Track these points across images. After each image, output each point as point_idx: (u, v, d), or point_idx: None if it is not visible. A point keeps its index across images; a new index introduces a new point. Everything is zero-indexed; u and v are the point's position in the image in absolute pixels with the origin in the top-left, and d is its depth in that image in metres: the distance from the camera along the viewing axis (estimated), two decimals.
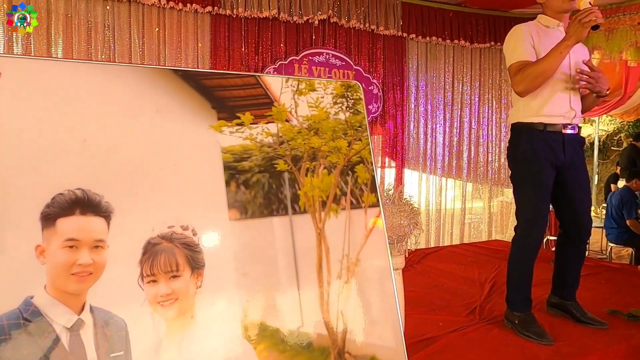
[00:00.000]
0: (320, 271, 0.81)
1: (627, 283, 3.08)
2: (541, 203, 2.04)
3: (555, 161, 2.01)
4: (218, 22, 3.38)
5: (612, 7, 4.12)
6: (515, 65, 1.93)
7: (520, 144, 2.04)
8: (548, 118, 1.97)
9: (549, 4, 1.99)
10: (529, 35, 1.94)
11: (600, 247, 5.91)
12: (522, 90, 1.91)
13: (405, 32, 4.00)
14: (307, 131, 0.86)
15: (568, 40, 1.76)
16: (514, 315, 2.16)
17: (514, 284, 2.19)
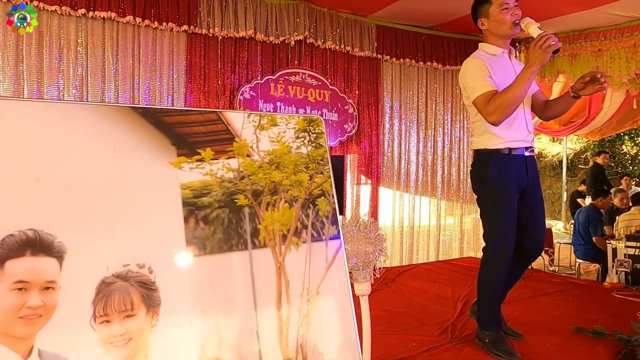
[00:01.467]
0: (279, 305, 0.81)
1: (593, 299, 3.18)
2: (510, 225, 2.09)
3: (520, 183, 2.10)
4: (194, 41, 3.39)
5: (574, 34, 4.34)
6: (482, 97, 1.96)
7: (489, 168, 2.09)
8: (512, 143, 2.04)
9: (494, 30, 2.05)
10: (484, 67, 1.99)
11: (569, 263, 6.07)
12: (497, 120, 1.93)
13: (380, 54, 4.10)
14: (269, 165, 0.87)
15: (533, 66, 1.81)
16: (484, 335, 2.20)
17: (484, 304, 2.23)
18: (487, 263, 2.20)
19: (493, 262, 2.16)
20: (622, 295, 3.23)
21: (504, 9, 1.98)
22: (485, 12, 2.05)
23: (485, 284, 2.22)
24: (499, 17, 2.00)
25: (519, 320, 2.68)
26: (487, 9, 2.04)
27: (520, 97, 1.87)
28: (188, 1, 3.28)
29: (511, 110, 1.90)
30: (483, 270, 2.22)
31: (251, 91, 3.51)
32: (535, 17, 4.46)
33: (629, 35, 3.91)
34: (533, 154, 2.13)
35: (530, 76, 1.82)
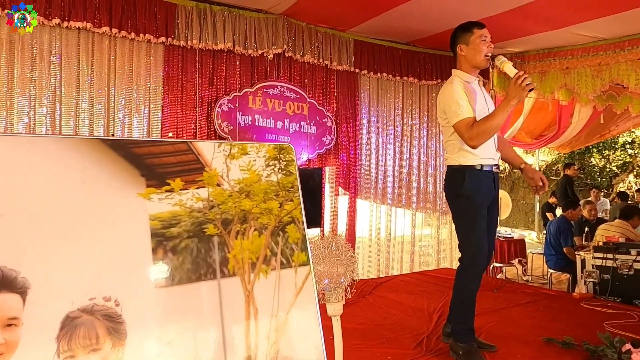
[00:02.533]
0: (247, 333, 0.82)
1: (563, 310, 3.27)
2: (483, 235, 2.27)
3: (488, 197, 2.29)
4: (172, 53, 3.37)
5: (544, 52, 4.51)
6: (464, 122, 2.15)
7: (463, 182, 2.26)
8: (483, 160, 2.24)
9: (469, 59, 2.25)
10: (464, 93, 2.18)
11: (542, 273, 6.23)
12: (477, 144, 2.15)
13: (358, 68, 4.17)
14: (239, 194, 0.88)
15: (512, 100, 2.04)
16: (458, 347, 2.26)
17: (458, 315, 2.31)
18: (463, 272, 2.31)
19: (469, 271, 2.29)
20: (590, 306, 3.34)
21: (483, 40, 2.20)
22: (466, 40, 2.24)
23: (460, 294, 2.32)
24: (477, 47, 2.21)
25: (492, 332, 2.74)
26: (468, 37, 2.24)
27: (499, 125, 2.13)
28: (166, 13, 3.27)
29: (490, 136, 2.15)
30: (459, 280, 2.33)
31: (229, 103, 3.51)
32: (508, 36, 4.63)
33: (594, 54, 4.09)
34: (499, 171, 2.35)
35: (509, 109, 2.08)
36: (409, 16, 3.65)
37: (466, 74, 2.27)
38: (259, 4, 3.53)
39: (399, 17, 3.67)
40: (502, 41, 4.34)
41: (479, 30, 2.21)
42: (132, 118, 3.25)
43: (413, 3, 3.32)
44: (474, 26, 2.23)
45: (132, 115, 3.26)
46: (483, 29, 2.22)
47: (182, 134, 3.40)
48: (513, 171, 12.16)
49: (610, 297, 3.62)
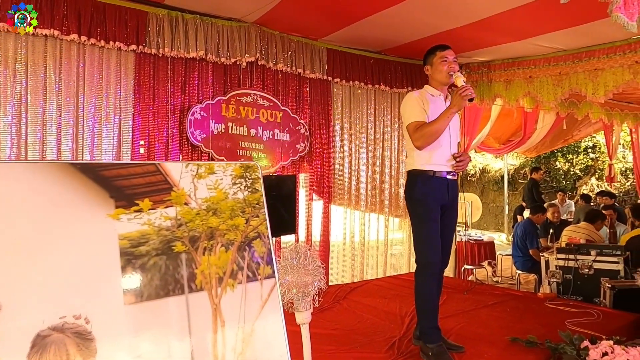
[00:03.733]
0: (215, 345, 0.85)
1: (528, 310, 3.40)
2: (435, 236, 2.41)
3: (442, 202, 2.44)
4: (143, 61, 3.35)
5: (509, 61, 4.69)
6: (413, 124, 2.39)
7: (417, 187, 2.44)
8: (436, 166, 2.42)
9: (435, 77, 2.51)
10: (420, 101, 2.42)
11: (511, 274, 6.44)
12: (421, 145, 2.37)
13: (330, 76, 4.23)
14: (206, 212, 0.91)
15: (453, 108, 2.31)
16: (427, 348, 2.35)
17: (422, 314, 2.44)
18: (419, 274, 2.44)
19: (424, 272, 2.42)
20: (553, 305, 3.49)
21: (443, 61, 2.46)
22: (431, 61, 2.52)
23: (421, 294, 2.44)
24: (438, 67, 2.47)
25: (461, 333, 2.83)
26: (432, 59, 2.51)
27: (440, 130, 2.33)
28: (137, 21, 3.25)
29: (433, 139, 2.34)
30: (417, 280, 2.46)
31: (202, 111, 3.51)
32: (475, 46, 4.79)
33: (555, 64, 4.29)
34: (455, 177, 2.50)
35: (450, 115, 2.33)
36: (379, 26, 3.74)
37: (433, 89, 2.53)
38: (232, 12, 3.55)
39: (369, 27, 3.76)
40: (469, 51, 4.50)
41: (441, 52, 2.47)
42: (101, 126, 3.21)
43: (382, 14, 3.41)
44: (437, 49, 2.51)
45: (102, 123, 3.22)
46: (445, 51, 2.47)
47: (154, 143, 3.38)
48: (483, 175, 12.51)
49: (573, 296, 3.80)
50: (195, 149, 3.52)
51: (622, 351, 2.16)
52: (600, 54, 3.93)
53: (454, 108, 2.30)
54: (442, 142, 2.42)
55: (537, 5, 3.05)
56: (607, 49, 3.88)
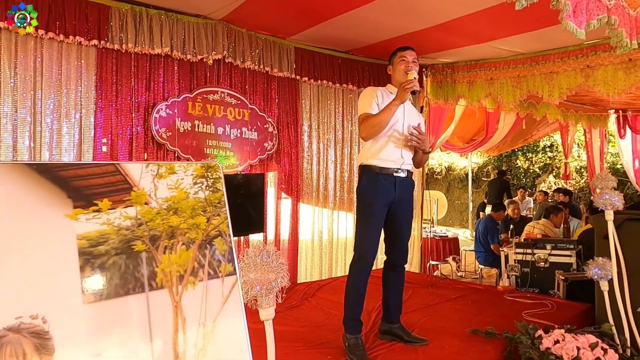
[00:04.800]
0: (176, 342, 0.86)
1: (488, 302, 3.55)
2: (372, 231, 2.43)
3: (387, 198, 2.44)
4: (105, 56, 3.26)
5: (471, 63, 4.85)
6: (362, 116, 2.43)
7: (362, 182, 2.47)
8: (383, 162, 2.42)
9: (394, 76, 2.57)
10: (375, 96, 2.46)
11: (474, 269, 6.68)
12: (365, 136, 2.40)
13: (298, 75, 4.25)
14: (167, 211, 0.92)
15: (395, 100, 2.34)
16: (347, 338, 2.44)
17: (348, 306, 2.47)
18: (353, 265, 2.49)
19: (357, 265, 2.46)
20: (512, 297, 3.66)
21: (402, 60, 2.52)
22: (392, 61, 2.60)
23: (350, 286, 2.49)
24: (397, 66, 2.53)
25: (425, 326, 2.92)
26: (393, 59, 2.59)
27: (383, 121, 2.34)
28: (98, 15, 3.16)
29: (375, 130, 2.36)
30: (350, 271, 2.51)
31: (168, 109, 3.45)
32: (439, 48, 4.92)
33: (514, 67, 4.47)
34: (405, 176, 2.49)
35: (392, 107, 2.34)
36: (347, 27, 3.79)
37: (393, 87, 2.57)
38: (198, 9, 3.51)
39: (337, 27, 3.80)
40: (434, 52, 4.63)
41: (401, 52, 2.54)
42: (61, 124, 3.11)
43: (349, 15, 3.46)
44: (399, 50, 2.57)
45: (62, 121, 3.11)
46: (404, 51, 2.54)
47: (117, 140, 3.30)
48: (449, 173, 12.87)
49: (530, 289, 3.99)
50: (160, 148, 3.46)
51: (572, 339, 2.30)
52: (555, 58, 4.13)
53: (397, 100, 2.33)
54: (393, 139, 2.42)
55: (495, 10, 3.17)
56: (561, 53, 4.09)
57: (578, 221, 5.87)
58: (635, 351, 2.42)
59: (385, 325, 2.65)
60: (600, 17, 2.34)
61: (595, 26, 2.32)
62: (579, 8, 2.25)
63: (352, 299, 2.45)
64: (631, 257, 2.54)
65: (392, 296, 2.64)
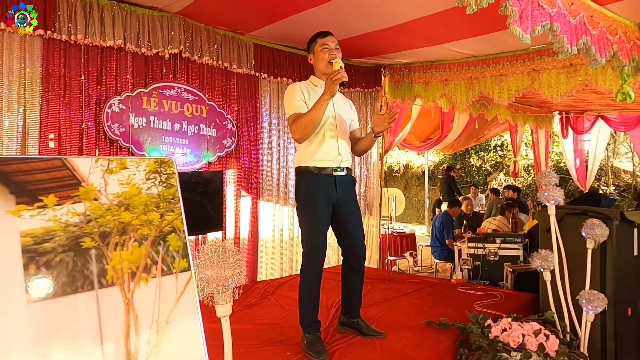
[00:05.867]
0: (127, 339, 0.85)
1: (442, 295, 3.69)
2: (319, 236, 2.34)
3: (330, 199, 2.35)
4: (51, 47, 3.09)
5: (427, 64, 5.00)
6: (291, 117, 2.27)
7: (301, 186, 2.36)
8: (320, 162, 2.31)
9: (317, 65, 2.41)
10: (300, 93, 2.30)
11: (430, 263, 6.90)
12: (298, 138, 2.25)
13: (258, 72, 4.22)
14: (118, 207, 0.90)
15: (325, 94, 2.14)
16: (305, 337, 2.41)
17: (303, 308, 2.43)
18: (302, 270, 2.43)
19: (306, 269, 2.40)
20: (464, 289, 3.82)
21: (324, 48, 2.34)
22: (312, 49, 2.42)
23: (302, 290, 2.43)
24: (320, 55, 2.36)
25: (382, 320, 3.00)
26: (314, 47, 2.40)
27: (315, 119, 2.18)
28: (44, 4, 2.99)
29: (309, 130, 2.20)
30: (300, 278, 2.45)
31: (121, 104, 3.33)
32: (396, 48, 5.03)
33: (467, 69, 4.66)
34: (345, 174, 2.40)
35: (323, 103, 2.15)
36: (306, 25, 3.80)
37: (317, 79, 2.43)
38: (152, 1, 3.41)
39: (296, 25, 3.80)
40: (392, 53, 4.74)
41: (322, 39, 2.36)
42: (2, 117, 2.92)
43: (308, 13, 3.48)
44: (318, 36, 2.39)
45: (3, 114, 2.93)
46: (325, 38, 2.35)
47: (65, 136, 3.14)
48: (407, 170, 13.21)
49: (481, 281, 4.18)
50: (113, 144, 3.33)
51: (518, 327, 2.44)
52: (504, 61, 4.34)
53: (326, 95, 2.13)
54: (327, 136, 2.30)
55: (448, 13, 3.29)
56: (510, 57, 4.30)
57: (525, 216, 6.20)
58: (574, 336, 2.60)
59: (344, 318, 2.69)
60: (544, 23, 2.49)
61: (540, 32, 2.46)
62: (525, 14, 2.38)
63: (306, 303, 2.41)
64: (571, 248, 2.72)
65: (351, 293, 2.63)
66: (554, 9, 2.54)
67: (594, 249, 2.61)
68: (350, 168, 2.47)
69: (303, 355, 2.40)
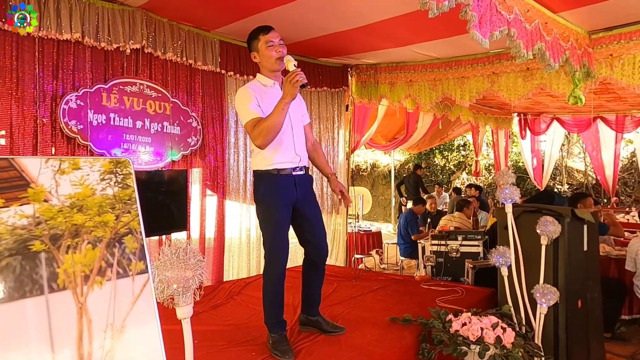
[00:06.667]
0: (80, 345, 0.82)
1: (407, 292, 3.76)
2: (280, 237, 2.34)
3: (290, 199, 2.34)
4: (3, 39, 2.93)
5: (393, 65, 5.09)
6: (250, 122, 2.19)
7: (261, 188, 2.33)
8: (279, 164, 2.29)
9: (264, 64, 2.34)
10: (253, 96, 2.23)
11: (395, 261, 7.04)
12: (261, 144, 2.17)
13: (224, 69, 4.16)
14: (70, 209, 0.86)
15: (285, 98, 2.08)
16: (270, 337, 2.40)
17: (267, 309, 2.43)
18: (265, 271, 2.43)
19: (269, 270, 2.41)
20: (427, 286, 3.91)
21: (269, 46, 2.27)
22: (255, 47, 2.33)
23: (266, 291, 2.43)
24: (265, 53, 2.28)
25: (348, 317, 3.03)
26: (257, 44, 2.32)
27: (277, 124, 2.12)
28: None
29: (272, 135, 2.14)
30: (264, 280, 2.45)
31: (78, 100, 3.20)
32: (363, 49, 5.10)
33: (431, 70, 4.77)
34: (303, 173, 2.40)
35: (284, 107, 2.09)
36: (272, 23, 3.75)
37: (265, 78, 2.36)
38: None
39: (262, 23, 3.76)
40: (359, 53, 4.79)
41: (264, 36, 2.28)
42: None
43: (274, 12, 3.46)
44: (260, 32, 2.31)
45: None
46: (268, 34, 2.28)
47: (17, 133, 2.99)
48: (373, 169, 13.39)
49: (444, 277, 4.30)
50: (70, 142, 3.20)
51: (477, 321, 2.53)
52: (466, 64, 4.48)
53: (287, 98, 2.06)
54: (284, 138, 2.26)
55: (413, 16, 3.37)
56: (472, 60, 4.44)
57: (486, 214, 6.43)
58: (529, 328, 2.73)
59: (304, 317, 2.70)
60: (502, 29, 2.59)
61: (498, 37, 2.57)
62: (484, 19, 2.47)
63: (271, 304, 2.40)
64: (527, 245, 2.85)
65: (311, 291, 2.64)
66: (511, 15, 2.65)
67: (547, 245, 2.74)
68: (307, 167, 2.47)
69: (269, 355, 2.39)
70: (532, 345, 2.53)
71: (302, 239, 2.52)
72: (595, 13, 3.26)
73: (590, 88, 3.84)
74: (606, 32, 3.55)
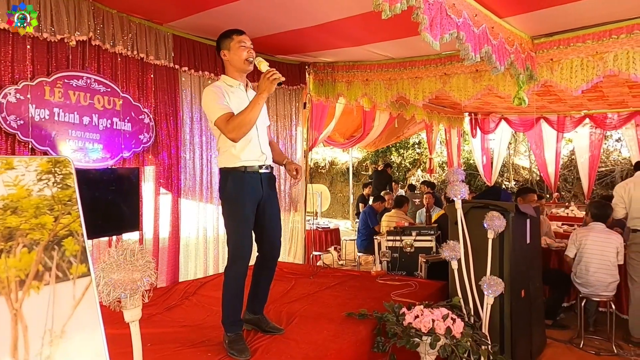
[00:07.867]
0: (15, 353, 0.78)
1: (363, 287, 3.84)
2: (244, 234, 2.38)
3: (256, 197, 2.39)
4: None
5: (349, 64, 5.15)
6: (221, 117, 2.22)
7: (227, 185, 2.36)
8: (247, 162, 2.34)
9: (233, 63, 2.38)
10: (220, 94, 2.29)
11: (353, 257, 7.15)
12: (235, 137, 2.21)
13: (178, 64, 4.05)
14: (3, 211, 0.82)
15: (263, 93, 2.16)
16: (226, 336, 2.40)
17: (225, 307, 2.43)
18: (229, 271, 2.43)
19: (233, 270, 2.41)
20: (383, 281, 4.01)
21: (242, 46, 2.34)
22: (227, 45, 2.38)
23: (227, 289, 2.43)
24: (237, 52, 2.34)
25: (305, 314, 3.05)
26: (229, 43, 2.37)
27: (253, 118, 2.19)
28: None
29: (246, 129, 2.20)
30: (225, 278, 2.44)
31: (18, 94, 3.01)
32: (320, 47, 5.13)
33: (386, 70, 4.87)
34: (268, 171, 2.47)
35: (261, 102, 2.18)
36: (228, 19, 3.72)
37: (230, 79, 2.41)
38: None
39: (217, 19, 3.70)
40: (315, 51, 4.81)
41: (238, 36, 2.35)
42: None
43: (230, 7, 3.40)
44: (233, 33, 2.37)
45: None
46: (242, 35, 2.36)
47: None
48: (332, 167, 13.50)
49: (399, 272, 4.42)
50: (9, 138, 3.00)
51: (429, 313, 2.63)
52: (419, 65, 4.61)
53: (264, 93, 2.15)
54: (251, 136, 2.32)
55: (368, 16, 3.42)
56: (425, 60, 4.58)
57: (439, 209, 6.66)
58: (477, 318, 2.87)
59: (248, 315, 2.69)
60: (451, 32, 2.69)
61: (448, 39, 2.66)
62: (434, 22, 2.55)
63: (231, 303, 2.38)
64: (475, 239, 2.98)
65: (260, 289, 2.64)
66: (460, 19, 2.76)
67: (494, 238, 2.89)
68: (272, 166, 2.51)
69: (225, 355, 2.37)
70: (479, 334, 2.66)
71: (258, 237, 2.53)
72: (538, 19, 3.45)
73: (533, 90, 4.07)
74: (547, 37, 3.78)
